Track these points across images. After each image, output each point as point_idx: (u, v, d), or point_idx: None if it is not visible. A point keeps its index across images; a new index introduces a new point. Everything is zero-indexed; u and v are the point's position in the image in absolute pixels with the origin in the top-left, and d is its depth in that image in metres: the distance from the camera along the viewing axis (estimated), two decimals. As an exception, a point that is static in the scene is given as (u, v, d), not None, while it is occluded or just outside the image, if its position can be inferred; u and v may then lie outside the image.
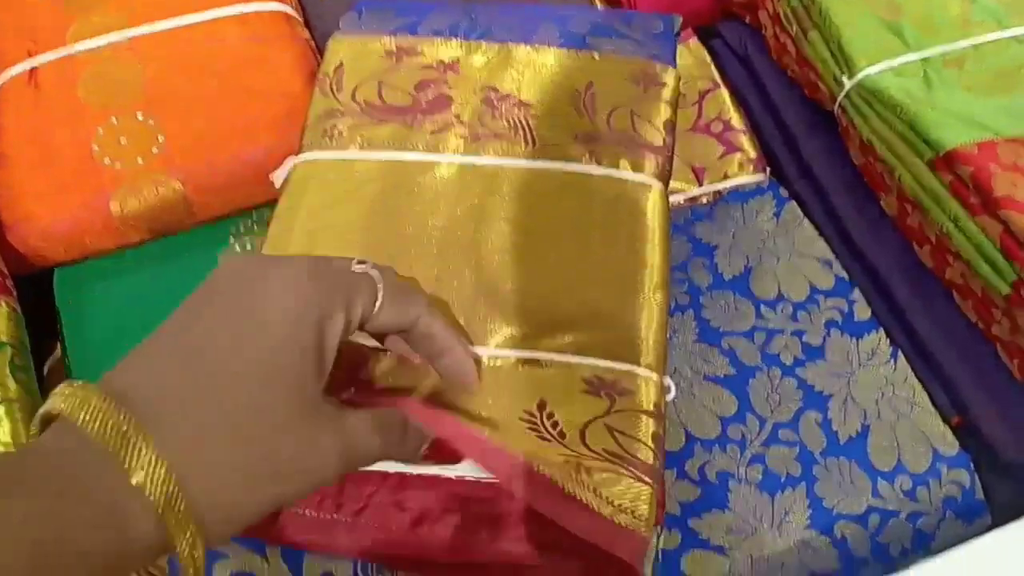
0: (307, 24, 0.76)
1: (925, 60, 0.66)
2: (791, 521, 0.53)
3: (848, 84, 0.66)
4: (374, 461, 0.37)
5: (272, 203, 0.67)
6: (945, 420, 0.58)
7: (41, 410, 0.32)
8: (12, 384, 0.53)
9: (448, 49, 0.63)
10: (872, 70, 0.66)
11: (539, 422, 0.47)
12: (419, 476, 0.44)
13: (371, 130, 0.59)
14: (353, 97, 0.61)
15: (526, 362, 0.50)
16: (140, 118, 0.66)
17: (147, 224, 0.65)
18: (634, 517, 0.42)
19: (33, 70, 0.68)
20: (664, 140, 0.60)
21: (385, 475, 0.45)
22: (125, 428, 0.29)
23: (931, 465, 0.56)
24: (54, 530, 0.27)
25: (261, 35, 0.70)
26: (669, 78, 0.62)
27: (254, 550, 0.46)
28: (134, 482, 0.29)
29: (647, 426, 0.47)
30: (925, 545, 0.55)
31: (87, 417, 0.29)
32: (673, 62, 0.64)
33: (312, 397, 0.34)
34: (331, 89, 0.62)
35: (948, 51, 0.67)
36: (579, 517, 0.41)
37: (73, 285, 0.64)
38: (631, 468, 0.44)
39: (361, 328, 0.38)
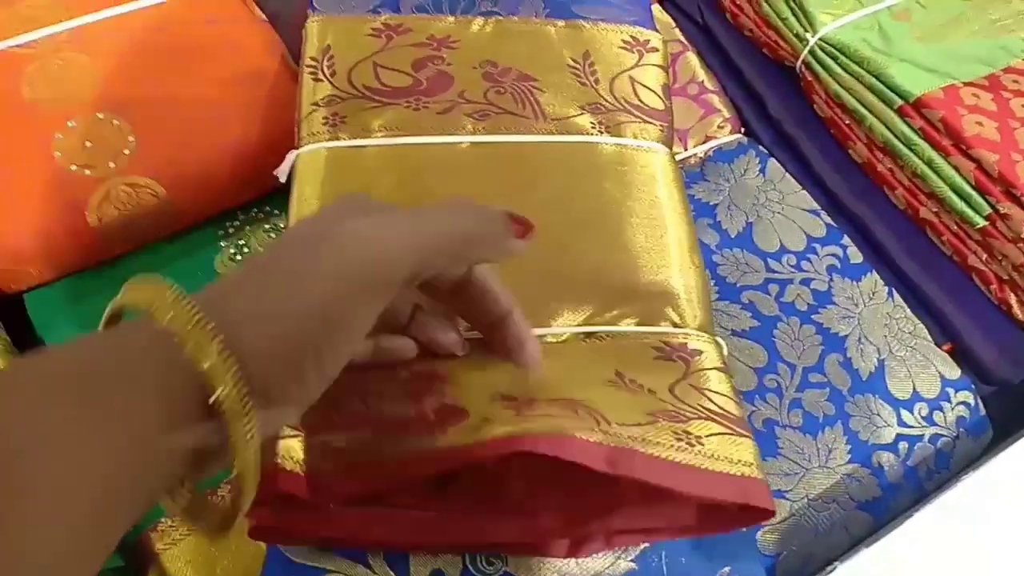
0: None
1: (876, 14, 0.71)
2: (835, 458, 0.57)
3: (812, 40, 0.69)
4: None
5: (258, 199, 0.64)
6: (939, 347, 0.63)
7: (112, 304, 0.31)
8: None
9: (439, 24, 0.61)
10: (833, 25, 0.69)
11: (624, 383, 0.47)
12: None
13: (375, 115, 0.57)
14: (350, 81, 0.58)
15: (588, 336, 0.50)
16: (102, 117, 0.60)
17: (128, 233, 0.60)
18: (748, 466, 0.43)
19: (-37, 72, 0.60)
20: (665, 105, 0.61)
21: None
22: (196, 317, 0.29)
23: (941, 390, 0.60)
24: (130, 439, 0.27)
25: (215, 16, 0.65)
26: (658, 42, 0.63)
27: (356, 560, 0.44)
28: (205, 366, 0.28)
29: (726, 381, 0.48)
30: (946, 463, 0.59)
31: (162, 310, 0.29)
32: (655, 26, 0.65)
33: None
34: (324, 74, 0.58)
35: (894, 4, 0.72)
36: (700, 482, 0.42)
37: (51, 307, 0.58)
38: (729, 424, 0.45)
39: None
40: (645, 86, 0.61)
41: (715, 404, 0.46)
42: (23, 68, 0.60)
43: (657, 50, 0.63)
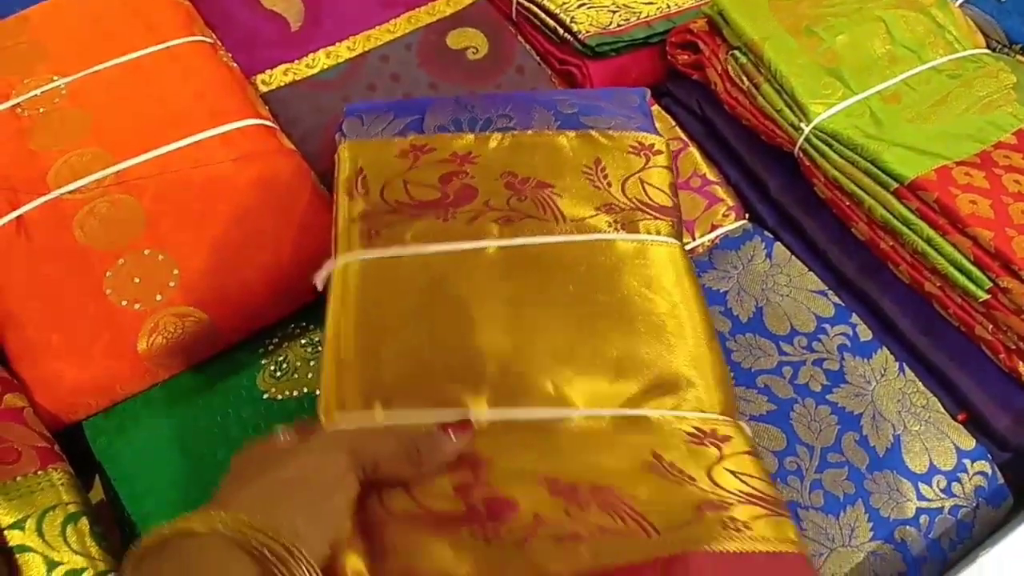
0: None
1: (867, 99, 0.74)
2: (858, 536, 0.59)
3: (806, 130, 0.73)
4: None
5: (294, 315, 0.68)
6: (953, 418, 0.65)
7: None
8: (98, 552, 0.52)
9: (460, 142, 0.66)
10: (825, 114, 0.73)
11: (664, 468, 0.50)
12: None
13: (408, 226, 0.61)
14: (382, 197, 0.62)
15: (622, 421, 0.53)
16: (148, 254, 0.65)
17: (175, 358, 0.64)
18: (793, 544, 0.46)
19: (20, 220, 0.65)
20: (673, 202, 0.64)
21: None
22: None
23: (957, 461, 0.63)
24: None
25: (248, 152, 0.70)
26: (662, 145, 0.67)
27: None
28: None
29: (758, 464, 0.51)
30: (968, 533, 0.61)
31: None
32: (656, 131, 0.69)
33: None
34: (358, 192, 0.63)
35: (884, 88, 0.75)
36: (753, 566, 0.45)
37: (108, 434, 0.62)
38: (769, 505, 0.48)
39: None
40: (654, 186, 0.65)
41: (753, 488, 0.49)
42: (74, 213, 0.65)
43: (662, 152, 0.67)
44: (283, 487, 0.43)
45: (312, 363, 0.65)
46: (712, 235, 0.74)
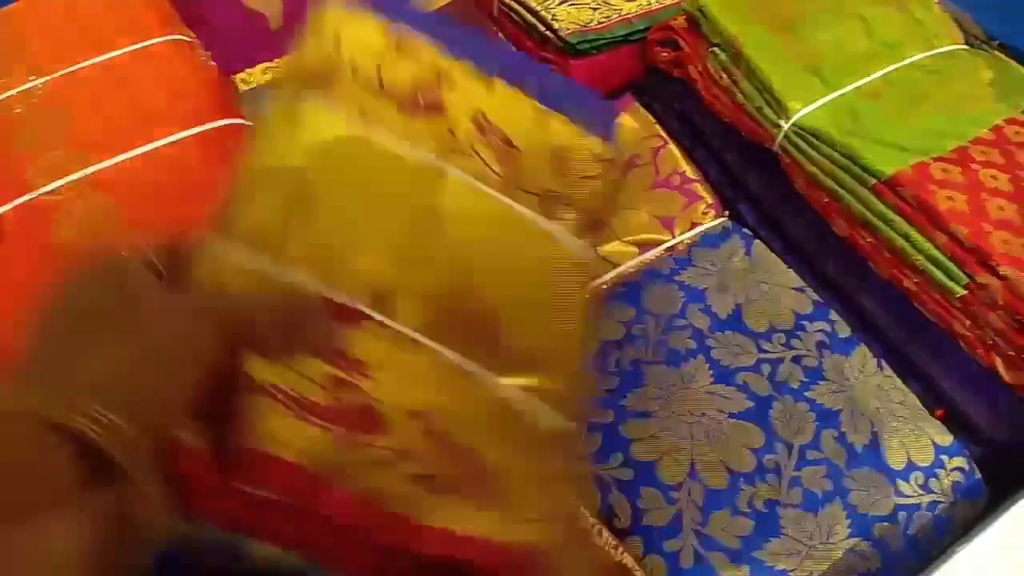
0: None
1: (846, 96, 0.75)
2: (837, 533, 0.59)
3: (785, 126, 0.73)
4: None
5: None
6: (931, 414, 0.66)
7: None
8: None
9: (442, 62, 0.63)
10: (804, 111, 0.73)
11: (528, 454, 0.50)
12: None
13: (363, 97, 0.57)
14: (352, 64, 0.58)
15: (500, 400, 0.52)
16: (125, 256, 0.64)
17: (153, 361, 0.64)
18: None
19: (-4, 221, 0.65)
20: (602, 213, 0.64)
21: None
22: None
23: (935, 457, 0.63)
24: None
25: (225, 152, 0.70)
26: (619, 158, 0.67)
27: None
28: None
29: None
30: (945, 528, 0.61)
31: None
32: (615, 142, 0.68)
33: None
34: (326, 47, 0.58)
35: (863, 85, 0.76)
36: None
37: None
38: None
39: None
40: (594, 192, 0.64)
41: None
42: (51, 214, 0.65)
43: (612, 163, 0.66)
44: (127, 357, 0.38)
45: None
46: (691, 233, 0.74)
